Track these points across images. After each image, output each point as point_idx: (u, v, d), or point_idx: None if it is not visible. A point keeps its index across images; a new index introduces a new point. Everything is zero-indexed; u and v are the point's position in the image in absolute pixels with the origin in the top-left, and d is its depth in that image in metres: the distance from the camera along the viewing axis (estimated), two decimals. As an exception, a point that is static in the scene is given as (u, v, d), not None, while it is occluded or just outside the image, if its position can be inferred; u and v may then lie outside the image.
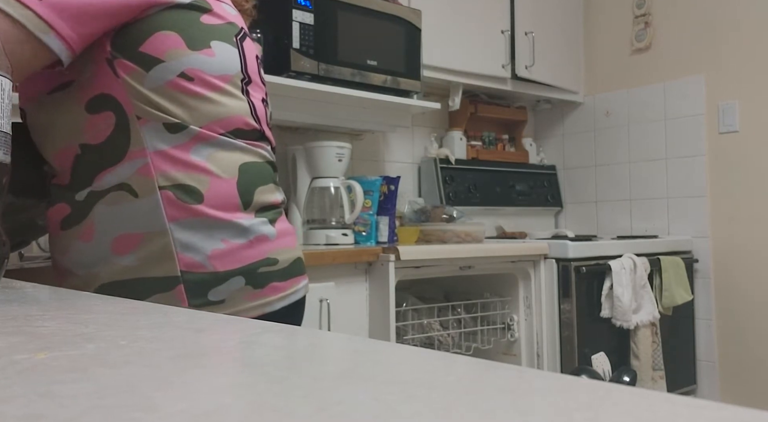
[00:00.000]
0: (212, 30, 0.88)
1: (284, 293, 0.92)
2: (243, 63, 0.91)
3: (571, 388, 0.23)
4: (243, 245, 0.87)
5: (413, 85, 2.20)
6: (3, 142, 0.55)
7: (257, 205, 0.90)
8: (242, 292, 0.86)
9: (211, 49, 0.87)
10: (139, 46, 0.84)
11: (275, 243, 0.91)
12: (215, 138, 0.86)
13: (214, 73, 0.87)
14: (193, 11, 0.86)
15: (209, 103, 0.86)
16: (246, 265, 0.87)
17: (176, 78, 0.84)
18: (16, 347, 0.32)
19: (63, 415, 0.20)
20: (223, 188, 0.86)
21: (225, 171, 0.86)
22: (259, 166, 0.91)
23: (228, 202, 0.86)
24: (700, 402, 0.21)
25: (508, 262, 2.11)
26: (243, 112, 0.90)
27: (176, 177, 0.84)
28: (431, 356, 0.29)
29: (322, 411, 0.20)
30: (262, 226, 0.89)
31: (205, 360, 0.28)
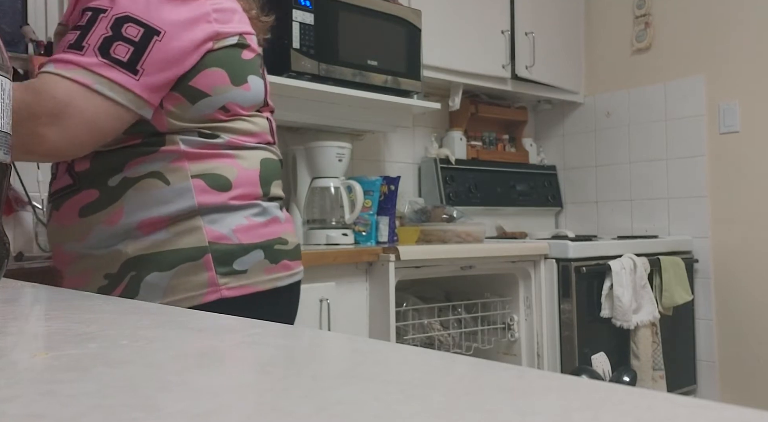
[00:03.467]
0: (249, 65, 0.98)
1: (292, 272, 1.01)
2: (265, 90, 1.03)
3: (571, 388, 0.23)
4: (262, 223, 0.97)
5: (413, 85, 2.20)
6: (3, 142, 0.55)
7: (271, 196, 1.01)
8: (261, 265, 0.95)
9: (248, 84, 0.97)
10: (189, 80, 0.91)
11: (284, 227, 1.01)
12: (243, 143, 0.97)
13: (247, 105, 0.98)
14: (237, 49, 0.95)
15: (238, 123, 0.97)
16: (264, 241, 0.96)
17: (216, 111, 0.94)
18: (16, 347, 0.32)
19: (64, 415, 0.20)
20: (248, 177, 0.96)
21: (250, 164, 0.97)
22: (274, 163, 1.03)
23: (252, 189, 0.96)
24: (700, 402, 0.21)
25: (509, 262, 2.11)
26: (263, 129, 1.02)
27: (207, 167, 0.92)
28: (431, 356, 0.29)
29: (322, 411, 0.20)
30: (275, 209, 1.00)
31: (205, 360, 0.28)
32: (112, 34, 0.84)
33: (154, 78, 0.87)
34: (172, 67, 0.88)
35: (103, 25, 0.85)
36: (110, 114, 0.85)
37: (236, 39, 0.95)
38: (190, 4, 0.90)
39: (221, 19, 0.93)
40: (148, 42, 0.86)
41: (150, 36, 0.86)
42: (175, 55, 0.88)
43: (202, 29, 0.90)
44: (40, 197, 1.71)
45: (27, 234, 1.73)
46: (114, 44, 0.85)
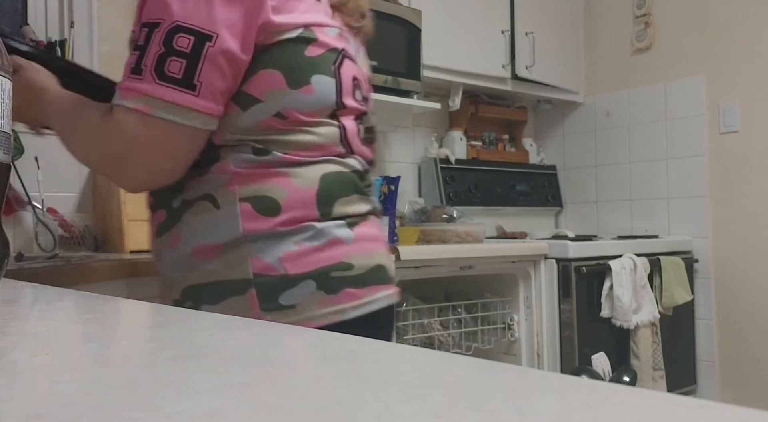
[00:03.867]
0: (314, 63, 0.85)
1: (360, 301, 0.85)
2: (338, 91, 0.88)
3: (571, 388, 0.23)
4: (315, 247, 0.83)
5: (414, 85, 2.20)
6: (3, 142, 0.55)
7: (334, 216, 0.86)
8: (314, 297, 0.82)
9: (311, 85, 0.85)
10: (242, 84, 0.83)
11: (351, 248, 0.86)
12: (299, 159, 0.85)
13: (308, 110, 0.85)
14: (299, 44, 0.84)
15: (298, 135, 0.85)
16: (317, 268, 0.83)
17: (270, 118, 0.84)
18: (16, 347, 0.32)
19: (64, 415, 0.20)
20: (302, 197, 0.84)
21: (306, 181, 0.85)
22: (342, 176, 0.88)
23: (305, 211, 0.84)
24: (700, 402, 0.21)
25: (509, 262, 2.11)
26: (330, 140, 0.88)
27: (256, 188, 0.83)
28: (431, 356, 0.29)
29: (322, 411, 0.20)
30: (336, 229, 0.85)
31: (205, 360, 0.28)
32: (165, 50, 0.79)
33: (218, 89, 0.80)
34: (232, 70, 0.82)
35: (157, 41, 0.80)
36: (179, 137, 0.80)
37: (298, 32, 0.84)
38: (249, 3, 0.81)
39: (280, 7, 0.83)
40: (201, 50, 0.79)
41: (202, 43, 0.79)
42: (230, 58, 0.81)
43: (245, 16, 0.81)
44: (40, 197, 1.72)
45: (27, 234, 1.73)
46: (168, 61, 0.79)
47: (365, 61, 1.02)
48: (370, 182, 0.96)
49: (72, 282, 1.14)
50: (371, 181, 0.97)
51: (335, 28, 0.89)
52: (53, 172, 1.80)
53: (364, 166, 0.92)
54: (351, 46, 0.93)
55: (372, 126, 0.99)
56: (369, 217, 0.91)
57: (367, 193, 0.93)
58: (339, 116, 0.89)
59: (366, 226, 0.89)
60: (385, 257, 0.91)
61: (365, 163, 0.94)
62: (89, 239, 1.76)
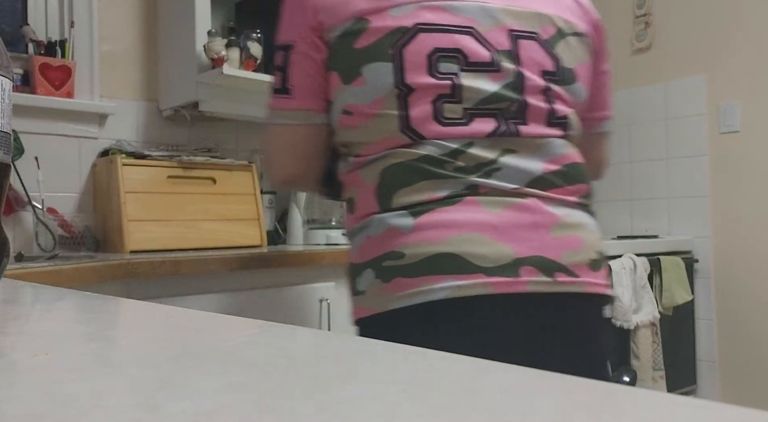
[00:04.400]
0: (363, 54, 0.87)
1: (410, 291, 0.83)
2: (400, 73, 0.86)
3: (571, 388, 0.23)
4: (375, 238, 0.88)
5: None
6: (3, 142, 0.55)
7: (394, 206, 0.87)
8: (374, 285, 0.86)
9: (362, 77, 0.87)
10: (328, 94, 0.94)
11: (408, 237, 0.85)
12: (365, 159, 0.91)
13: (366, 102, 0.88)
14: (347, 37, 0.88)
15: (362, 132, 0.89)
16: (373, 258, 0.87)
17: (341, 116, 0.91)
18: (16, 347, 0.32)
19: (64, 415, 0.20)
20: (366, 194, 0.90)
21: (370, 179, 0.90)
22: (403, 168, 0.87)
23: (369, 207, 0.90)
24: (700, 402, 0.21)
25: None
26: (388, 133, 0.88)
27: (348, 192, 0.95)
28: (431, 356, 0.29)
29: (322, 411, 0.20)
30: (395, 219, 0.86)
31: (205, 360, 0.28)
32: (274, 67, 0.96)
33: (305, 87, 0.92)
34: (312, 68, 0.92)
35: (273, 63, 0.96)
36: (291, 135, 0.96)
37: (346, 25, 0.87)
38: (293, 3, 0.93)
39: (329, 6, 0.88)
40: (287, 59, 0.93)
41: (287, 53, 0.93)
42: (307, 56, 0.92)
43: (301, 21, 0.91)
44: (40, 197, 1.72)
45: (27, 234, 1.73)
46: (274, 76, 0.96)
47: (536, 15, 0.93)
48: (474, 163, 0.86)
49: (72, 282, 1.14)
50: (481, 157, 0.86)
51: (409, 5, 0.87)
52: (53, 172, 1.80)
53: (447, 149, 0.86)
54: (446, 14, 0.88)
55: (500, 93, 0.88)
56: (455, 201, 0.85)
57: (448, 176, 0.85)
58: (408, 100, 0.86)
59: (440, 213, 0.85)
60: (462, 243, 0.83)
61: (462, 143, 0.86)
62: (89, 239, 1.76)
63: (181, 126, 2.06)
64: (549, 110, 0.90)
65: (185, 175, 1.83)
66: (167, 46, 1.99)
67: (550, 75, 0.91)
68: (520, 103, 0.89)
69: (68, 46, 1.84)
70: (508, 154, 0.87)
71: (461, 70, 0.87)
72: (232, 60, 1.80)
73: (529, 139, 0.88)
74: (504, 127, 0.87)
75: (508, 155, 0.87)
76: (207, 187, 1.86)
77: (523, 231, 0.84)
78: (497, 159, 0.87)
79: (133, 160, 1.77)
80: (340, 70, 0.89)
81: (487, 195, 0.85)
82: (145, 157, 1.80)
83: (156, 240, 1.72)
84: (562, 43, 0.93)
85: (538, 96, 0.90)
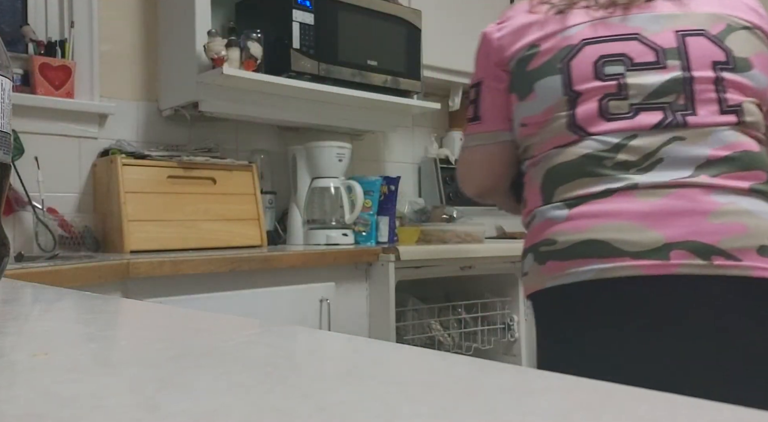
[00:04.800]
0: (535, 73, 1.02)
1: (559, 272, 0.96)
2: (568, 83, 0.98)
3: (571, 388, 0.23)
4: (536, 227, 1.02)
5: (413, 85, 2.20)
6: (3, 142, 0.55)
7: (555, 200, 0.99)
8: (534, 267, 1.01)
9: (534, 93, 1.02)
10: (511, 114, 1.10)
11: (561, 226, 0.96)
12: (532, 161, 1.05)
13: (538, 113, 1.02)
14: (522, 63, 1.04)
15: (534, 138, 1.04)
16: (533, 245, 1.02)
17: (519, 128, 1.07)
18: (16, 347, 0.32)
19: (64, 415, 0.20)
20: (533, 191, 1.04)
21: (535, 179, 1.04)
22: (565, 167, 0.98)
23: (534, 203, 1.03)
24: (700, 402, 0.21)
25: (509, 262, 2.11)
26: (555, 132, 1.00)
27: (525, 190, 1.08)
28: (431, 356, 0.29)
29: (322, 411, 0.20)
30: (550, 211, 0.99)
31: (205, 360, 0.28)
32: (468, 102, 1.17)
33: (492, 113, 1.12)
34: (497, 97, 1.11)
35: (468, 99, 1.17)
36: (484, 153, 1.16)
37: (521, 54, 1.04)
38: (480, 50, 1.14)
39: (505, 44, 1.08)
40: (478, 93, 1.13)
41: (478, 89, 1.14)
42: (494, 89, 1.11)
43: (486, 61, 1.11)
44: (40, 197, 1.72)
45: (27, 234, 1.73)
46: (468, 109, 1.16)
47: None
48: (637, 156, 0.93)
49: (72, 282, 1.14)
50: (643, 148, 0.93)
51: (575, 27, 1.01)
52: (53, 172, 1.80)
53: (609, 144, 0.94)
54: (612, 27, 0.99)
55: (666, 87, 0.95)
56: (610, 193, 0.93)
57: (606, 175, 0.94)
58: (577, 103, 0.98)
59: (594, 204, 0.94)
60: (610, 231, 0.91)
61: (625, 136, 0.94)
62: (89, 239, 1.76)
63: (181, 126, 2.06)
64: (719, 99, 0.94)
65: (185, 175, 1.83)
66: (167, 46, 1.99)
67: (721, 64, 0.96)
68: (686, 94, 0.94)
69: (68, 46, 1.84)
70: (674, 141, 0.92)
71: (627, 71, 0.96)
72: (232, 60, 1.80)
73: (698, 128, 0.93)
74: (671, 118, 0.93)
75: (673, 143, 0.92)
76: (207, 187, 1.86)
77: (676, 218, 0.89)
78: (660, 148, 0.92)
79: (133, 160, 1.77)
80: (517, 90, 1.06)
81: (643, 188, 0.92)
82: (145, 157, 1.79)
83: (156, 240, 1.72)
84: (733, 35, 0.98)
85: (707, 86, 0.94)
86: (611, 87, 0.95)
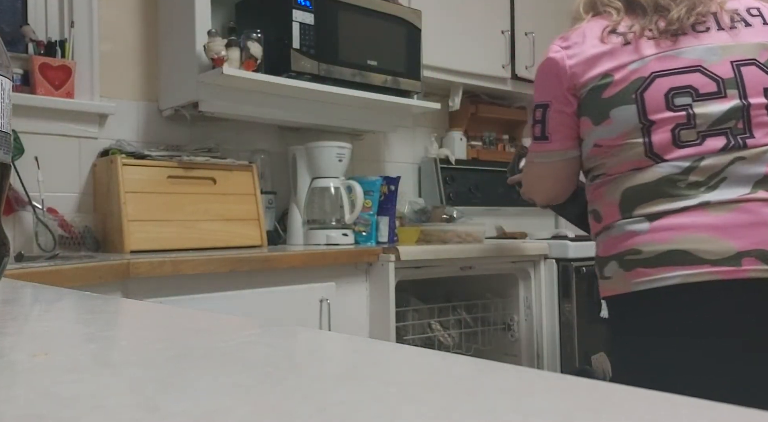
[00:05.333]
0: (611, 101, 1.15)
1: (647, 278, 1.10)
2: (642, 112, 1.13)
3: (571, 388, 0.23)
4: (616, 238, 1.16)
5: (413, 85, 2.20)
6: (3, 142, 0.55)
7: (635, 215, 1.13)
8: (618, 273, 1.15)
9: (610, 119, 1.15)
10: (579, 134, 1.24)
11: (643, 237, 1.12)
12: (608, 179, 1.18)
13: (613, 136, 1.16)
14: (597, 91, 1.17)
15: (607, 158, 1.18)
16: (616, 253, 1.15)
17: (592, 149, 1.21)
18: (16, 347, 0.32)
19: (64, 415, 0.20)
20: (610, 207, 1.18)
21: (611, 198, 1.17)
22: (644, 187, 1.13)
23: (613, 217, 1.17)
24: (700, 402, 0.21)
25: (509, 262, 2.11)
26: (633, 157, 1.14)
27: (593, 206, 1.25)
28: (431, 356, 0.29)
29: (322, 411, 0.20)
30: (633, 224, 1.13)
31: (205, 361, 0.28)
32: (533, 122, 1.28)
33: (561, 133, 1.24)
34: (565, 119, 1.23)
35: (531, 119, 1.28)
36: (553, 169, 1.30)
37: (596, 82, 1.16)
38: (548, 73, 1.24)
39: (578, 71, 1.19)
40: (545, 114, 1.25)
41: (545, 110, 1.25)
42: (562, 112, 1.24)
43: (556, 86, 1.22)
44: (40, 197, 1.72)
45: (27, 234, 1.73)
46: (535, 128, 1.28)
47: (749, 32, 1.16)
48: (705, 176, 1.09)
49: (72, 282, 1.14)
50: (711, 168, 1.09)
51: (645, 59, 1.14)
52: (53, 172, 1.80)
53: (681, 168, 1.10)
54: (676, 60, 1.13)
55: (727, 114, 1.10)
56: (688, 210, 1.08)
57: (681, 194, 1.10)
58: (651, 131, 1.12)
59: (673, 218, 1.09)
60: (690, 242, 1.07)
61: (694, 159, 1.10)
62: (89, 239, 1.76)
63: (181, 126, 2.06)
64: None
65: (185, 175, 1.83)
66: (167, 46, 1.99)
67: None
68: (744, 120, 1.10)
69: (68, 46, 1.84)
70: (737, 162, 1.09)
71: (693, 102, 1.11)
72: (232, 60, 1.80)
73: (756, 149, 1.09)
74: (733, 142, 1.09)
75: (735, 164, 1.09)
76: (207, 187, 1.86)
77: (744, 229, 1.06)
78: (725, 168, 1.09)
79: (133, 160, 1.77)
80: (590, 115, 1.18)
81: (714, 205, 1.08)
82: (145, 157, 1.79)
83: (156, 240, 1.72)
84: None
85: (760, 111, 1.11)
86: (681, 117, 1.11)
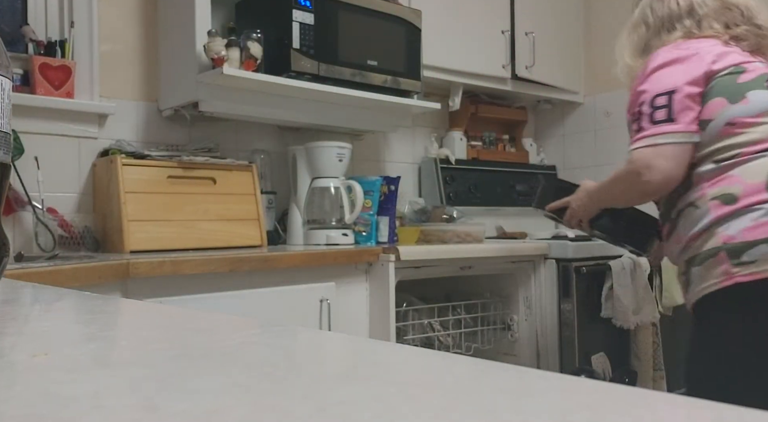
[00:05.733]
0: (746, 85, 1.28)
1: None
2: None
3: (571, 388, 0.23)
4: (766, 222, 1.17)
5: (413, 85, 2.20)
6: (3, 142, 0.55)
7: None
8: (767, 256, 1.16)
9: (747, 99, 1.26)
10: (700, 115, 1.29)
11: None
12: (746, 158, 1.22)
13: (752, 114, 1.25)
14: (732, 75, 1.28)
15: (739, 137, 1.24)
16: (765, 237, 1.17)
17: (724, 127, 1.26)
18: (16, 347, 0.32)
19: (63, 415, 0.20)
20: (753, 187, 1.21)
21: (753, 177, 1.21)
22: None
23: (757, 196, 1.19)
24: (700, 403, 0.21)
25: (509, 262, 2.11)
26: None
27: (720, 190, 1.25)
28: (431, 356, 0.29)
29: (322, 411, 0.20)
30: None
31: (205, 361, 0.28)
32: (656, 106, 1.32)
33: (688, 117, 1.29)
34: (691, 104, 1.29)
35: (647, 110, 1.33)
36: (677, 150, 1.29)
37: (730, 69, 1.28)
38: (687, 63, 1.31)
39: (718, 61, 1.29)
40: (671, 99, 1.30)
41: (671, 96, 1.30)
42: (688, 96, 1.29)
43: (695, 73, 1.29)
44: (40, 197, 1.72)
45: (27, 234, 1.73)
46: (658, 112, 1.31)
47: None
48: None
49: (72, 282, 1.14)
50: None
51: (762, 62, 1.32)
52: (53, 172, 1.80)
53: None
54: None
55: None
56: None
57: None
58: None
59: None
60: None
61: None
62: (89, 239, 1.76)
63: (181, 126, 2.06)
64: None
65: (185, 175, 1.83)
66: (167, 46, 1.99)
67: None
68: None
69: (68, 46, 1.84)
70: None
71: None
72: (232, 60, 1.80)
73: None
74: None
75: None
76: (207, 187, 1.86)
77: None
78: None
79: (133, 160, 1.77)
80: (725, 95, 1.27)
81: None
82: (145, 157, 1.79)
83: (156, 240, 1.72)
84: None
85: None
86: None
